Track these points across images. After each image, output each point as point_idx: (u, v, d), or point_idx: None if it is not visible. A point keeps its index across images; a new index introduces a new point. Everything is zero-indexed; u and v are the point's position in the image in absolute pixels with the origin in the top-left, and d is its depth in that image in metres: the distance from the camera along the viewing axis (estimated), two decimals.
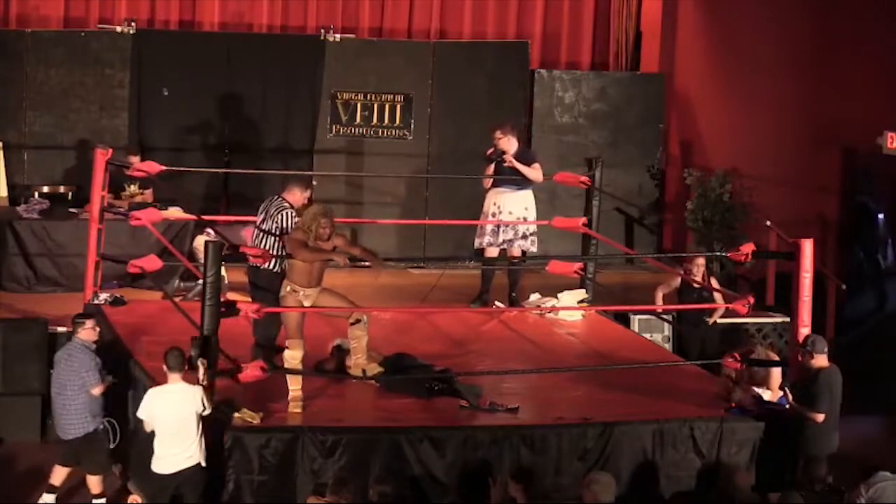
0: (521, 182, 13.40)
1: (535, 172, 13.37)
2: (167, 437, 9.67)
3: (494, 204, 13.48)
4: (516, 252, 13.53)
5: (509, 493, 9.06)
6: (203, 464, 9.67)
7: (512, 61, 16.67)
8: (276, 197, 11.14)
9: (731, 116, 16.74)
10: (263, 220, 11.04)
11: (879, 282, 15.19)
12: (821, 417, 10.23)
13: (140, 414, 9.80)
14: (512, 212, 13.46)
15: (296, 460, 9.61)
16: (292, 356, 10.15)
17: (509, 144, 13.38)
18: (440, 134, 16.34)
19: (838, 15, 15.34)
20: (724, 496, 9.47)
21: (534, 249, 13.53)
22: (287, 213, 10.92)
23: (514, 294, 13.62)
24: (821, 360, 10.39)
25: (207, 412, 9.68)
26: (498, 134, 13.38)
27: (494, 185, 13.48)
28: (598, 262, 14.04)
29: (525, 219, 13.46)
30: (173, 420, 9.64)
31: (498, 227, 13.45)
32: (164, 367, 9.76)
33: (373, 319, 12.74)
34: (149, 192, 14.37)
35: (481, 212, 13.61)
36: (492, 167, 13.44)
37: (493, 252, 13.61)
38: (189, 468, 9.66)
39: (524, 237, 13.49)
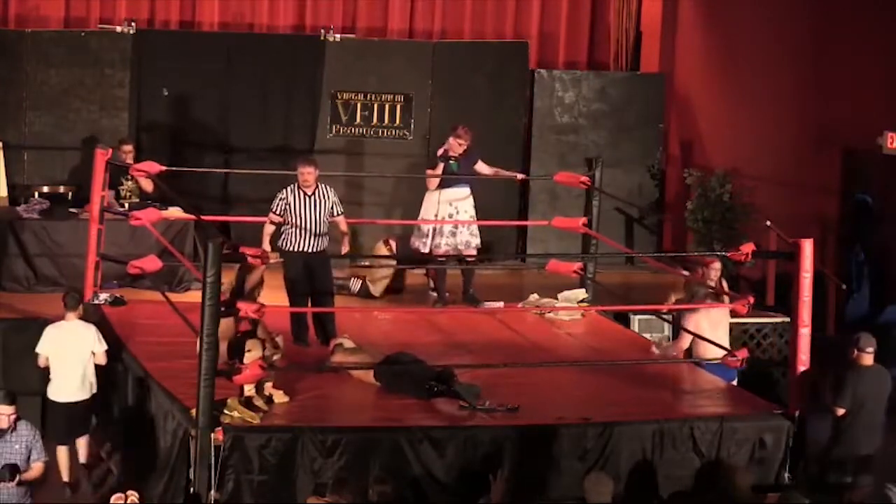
0: (471, 181, 13.59)
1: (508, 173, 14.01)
2: (64, 369, 10.96)
3: (451, 205, 13.53)
4: (472, 252, 13.65)
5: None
6: (94, 391, 11.03)
7: (512, 61, 16.66)
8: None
9: (731, 116, 16.74)
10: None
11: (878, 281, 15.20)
12: (840, 412, 10.22)
13: (39, 349, 11.04)
14: (467, 211, 13.63)
15: (296, 460, 9.61)
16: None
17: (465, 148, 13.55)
18: (440, 134, 16.26)
19: (838, 15, 15.34)
20: (724, 496, 9.46)
21: (478, 242, 13.74)
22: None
23: (471, 291, 13.66)
24: (863, 359, 10.36)
25: (104, 348, 10.99)
26: (466, 138, 13.50)
27: (444, 185, 13.53)
28: (598, 262, 14.06)
29: (473, 217, 13.63)
30: (70, 354, 10.91)
31: (454, 227, 13.52)
32: (63, 306, 11.07)
33: (373, 319, 12.85)
34: (148, 181, 14.16)
35: (431, 213, 13.60)
36: (440, 167, 13.49)
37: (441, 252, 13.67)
38: (83, 400, 11.00)
39: (476, 236, 13.67)
